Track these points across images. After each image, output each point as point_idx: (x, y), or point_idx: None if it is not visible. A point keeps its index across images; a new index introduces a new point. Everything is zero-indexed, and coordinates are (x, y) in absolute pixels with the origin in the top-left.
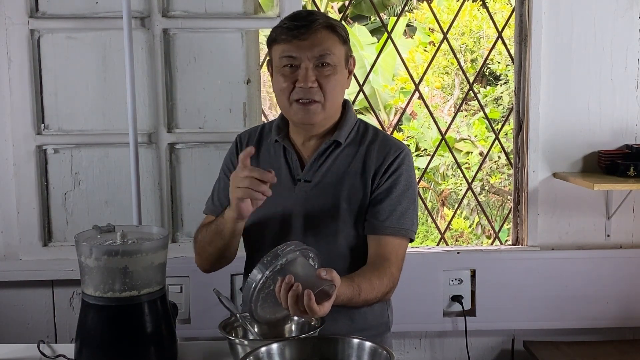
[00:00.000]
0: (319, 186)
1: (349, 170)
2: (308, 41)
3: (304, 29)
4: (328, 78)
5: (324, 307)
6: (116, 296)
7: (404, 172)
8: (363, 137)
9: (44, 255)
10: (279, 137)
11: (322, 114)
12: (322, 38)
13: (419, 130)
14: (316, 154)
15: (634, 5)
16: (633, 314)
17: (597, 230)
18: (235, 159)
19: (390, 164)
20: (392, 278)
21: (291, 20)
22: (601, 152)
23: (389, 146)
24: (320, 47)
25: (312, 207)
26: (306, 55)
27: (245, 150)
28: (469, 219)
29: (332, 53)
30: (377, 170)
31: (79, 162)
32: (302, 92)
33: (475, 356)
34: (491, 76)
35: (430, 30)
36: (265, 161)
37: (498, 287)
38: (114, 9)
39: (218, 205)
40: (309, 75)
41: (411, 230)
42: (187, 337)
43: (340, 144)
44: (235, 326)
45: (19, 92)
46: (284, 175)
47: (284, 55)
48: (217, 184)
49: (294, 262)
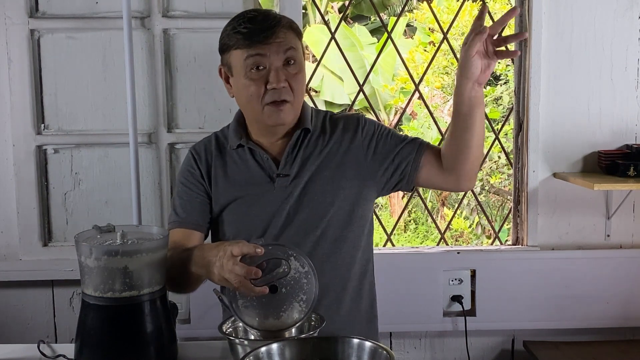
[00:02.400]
0: (299, 178)
1: (326, 154)
2: (274, 43)
3: (269, 32)
4: (296, 77)
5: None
6: (116, 296)
7: (375, 124)
8: (323, 121)
9: (44, 255)
10: (242, 141)
11: (293, 113)
12: (286, 37)
13: (419, 130)
14: (289, 148)
15: (634, 5)
16: (633, 314)
17: (597, 230)
18: (196, 171)
19: (362, 129)
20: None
21: (249, 23)
22: (601, 152)
23: (349, 118)
24: (286, 45)
25: (295, 200)
26: (274, 57)
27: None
28: (469, 219)
29: (296, 50)
30: (353, 141)
31: (79, 162)
32: (274, 93)
33: (475, 356)
34: (491, 76)
35: (430, 30)
36: (233, 169)
37: (498, 287)
38: (114, 9)
39: (184, 217)
40: (280, 75)
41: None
42: (187, 337)
43: (309, 130)
44: (235, 326)
45: (19, 92)
46: (258, 176)
47: (249, 59)
48: (176, 199)
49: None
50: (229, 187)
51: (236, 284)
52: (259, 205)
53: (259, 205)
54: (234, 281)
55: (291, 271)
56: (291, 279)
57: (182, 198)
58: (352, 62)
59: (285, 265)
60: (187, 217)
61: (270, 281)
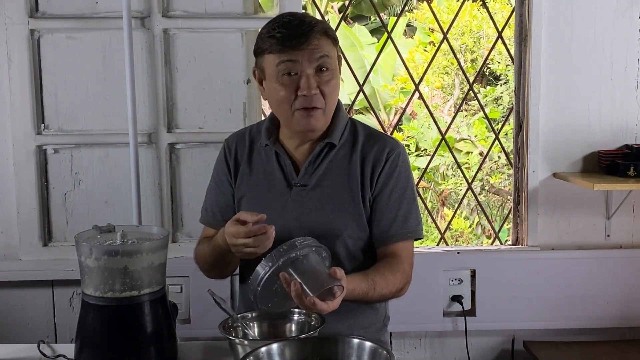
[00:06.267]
0: (316, 190)
1: (346, 172)
2: (307, 49)
3: (303, 38)
4: (328, 83)
5: (332, 304)
6: (116, 296)
7: (402, 172)
8: (355, 137)
9: (44, 255)
10: (269, 142)
11: (324, 120)
12: (320, 43)
13: (419, 130)
14: (311, 157)
15: (634, 5)
16: (633, 314)
17: (597, 230)
18: (225, 165)
19: (387, 164)
20: (405, 274)
21: (285, 29)
22: (601, 152)
23: (383, 146)
24: (319, 52)
25: (309, 211)
26: (306, 63)
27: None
28: (469, 219)
29: (330, 57)
30: (374, 171)
31: (79, 162)
32: (305, 100)
33: (475, 356)
34: (491, 76)
35: (430, 30)
36: (258, 165)
37: (498, 287)
38: (114, 9)
39: (212, 216)
40: (311, 82)
41: (416, 230)
42: (187, 337)
43: (334, 145)
44: (235, 326)
45: (19, 92)
46: (278, 180)
47: (281, 64)
48: (209, 192)
49: (307, 257)
50: (250, 185)
51: (231, 243)
52: (274, 209)
53: (274, 209)
54: (229, 242)
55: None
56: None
57: (211, 193)
58: (352, 62)
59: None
60: (213, 217)
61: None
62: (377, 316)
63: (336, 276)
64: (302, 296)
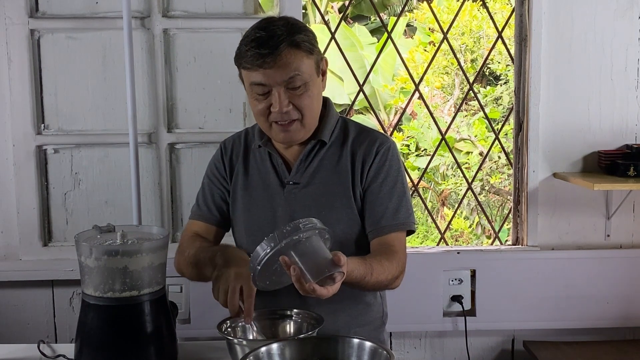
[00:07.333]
0: (308, 187)
1: (337, 169)
2: (274, 68)
3: (270, 57)
4: (301, 97)
5: (332, 289)
6: (116, 296)
7: (392, 165)
8: (346, 134)
9: (44, 255)
10: (261, 143)
11: (303, 131)
12: (288, 60)
13: (419, 130)
14: (302, 156)
15: (634, 5)
16: (633, 314)
17: (597, 230)
18: (220, 165)
19: (377, 157)
20: (401, 263)
21: (254, 46)
22: (601, 152)
23: (373, 140)
24: (288, 70)
25: (302, 209)
26: (275, 82)
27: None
28: (469, 219)
29: (301, 72)
30: (364, 165)
31: (79, 162)
32: (278, 115)
33: (475, 356)
34: (491, 76)
35: (430, 30)
36: (253, 166)
37: (498, 287)
38: (114, 9)
39: (208, 210)
40: (282, 100)
41: (408, 222)
42: (187, 337)
43: (325, 143)
44: (234, 326)
45: (19, 92)
46: (272, 179)
47: (253, 83)
48: (201, 190)
49: (309, 240)
50: (245, 185)
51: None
52: (268, 208)
53: (268, 208)
54: (213, 294)
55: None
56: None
57: (205, 190)
58: (352, 62)
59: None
60: (207, 212)
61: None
62: (373, 312)
63: (339, 263)
64: (302, 280)
